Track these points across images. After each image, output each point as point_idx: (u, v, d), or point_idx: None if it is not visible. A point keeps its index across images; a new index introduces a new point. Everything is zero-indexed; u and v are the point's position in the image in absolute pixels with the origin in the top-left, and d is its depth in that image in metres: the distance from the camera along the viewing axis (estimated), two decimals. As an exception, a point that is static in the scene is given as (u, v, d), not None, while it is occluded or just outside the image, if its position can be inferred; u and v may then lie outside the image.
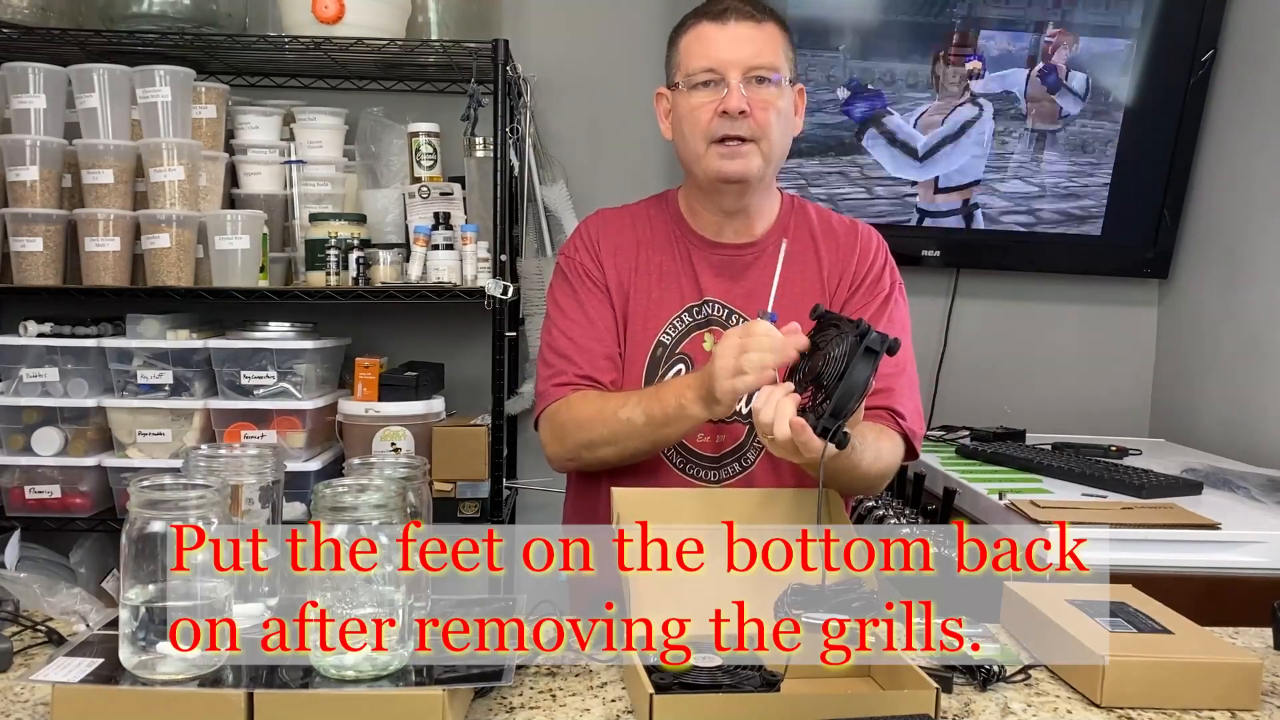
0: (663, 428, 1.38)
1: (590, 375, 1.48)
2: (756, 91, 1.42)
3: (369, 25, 2.21)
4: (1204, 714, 1.10)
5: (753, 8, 1.44)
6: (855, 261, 1.54)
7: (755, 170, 1.46)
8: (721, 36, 1.42)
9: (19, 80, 2.10)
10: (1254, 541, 1.70)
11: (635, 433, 1.39)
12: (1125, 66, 2.54)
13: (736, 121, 1.42)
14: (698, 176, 1.50)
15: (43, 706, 1.04)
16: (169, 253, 2.13)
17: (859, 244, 1.56)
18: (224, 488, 1.05)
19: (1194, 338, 2.60)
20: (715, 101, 1.42)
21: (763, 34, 1.43)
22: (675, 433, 1.40)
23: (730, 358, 1.23)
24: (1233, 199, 2.48)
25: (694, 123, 1.44)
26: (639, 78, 2.54)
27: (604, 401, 1.45)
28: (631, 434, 1.40)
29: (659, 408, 1.36)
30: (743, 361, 1.22)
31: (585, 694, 1.11)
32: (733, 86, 1.41)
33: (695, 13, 1.47)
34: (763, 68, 1.42)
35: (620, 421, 1.40)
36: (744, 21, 1.42)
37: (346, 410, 2.22)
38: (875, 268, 1.55)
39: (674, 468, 1.50)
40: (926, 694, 1.02)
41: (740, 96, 1.41)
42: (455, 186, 2.29)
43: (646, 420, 1.38)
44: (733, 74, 1.41)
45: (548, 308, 1.59)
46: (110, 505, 2.23)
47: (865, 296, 1.53)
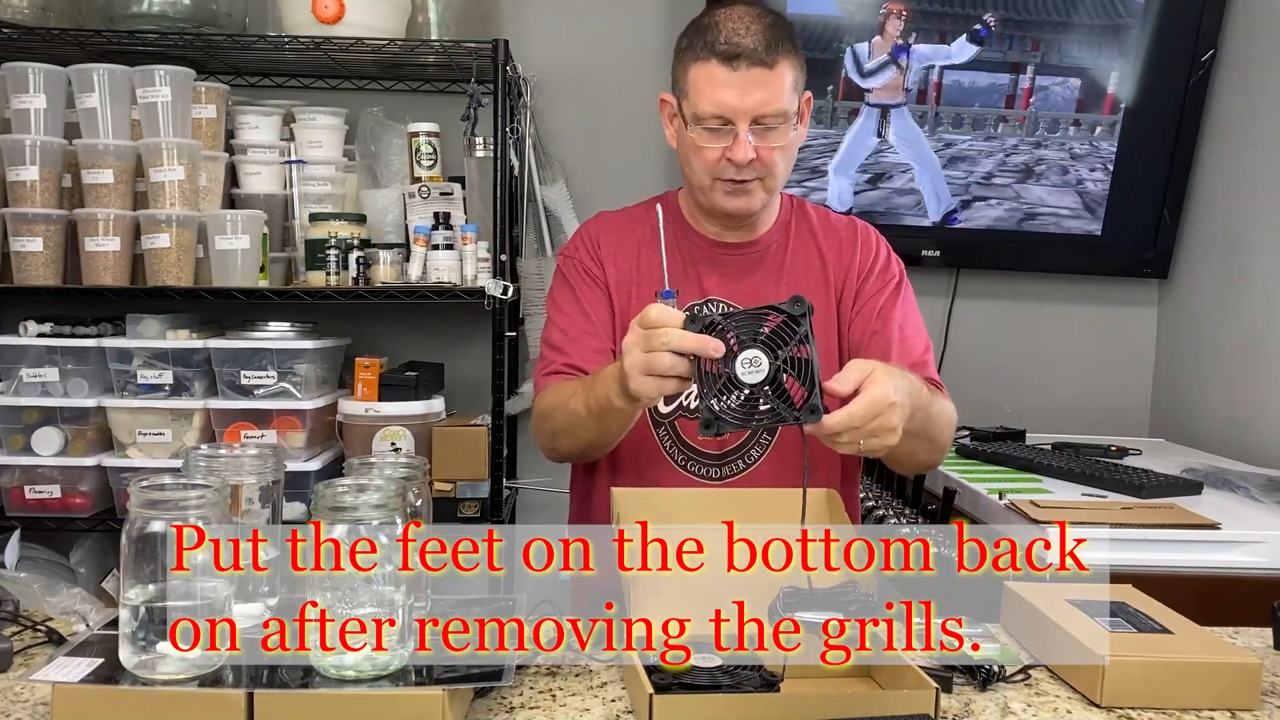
0: (603, 419, 1.34)
1: (577, 365, 1.48)
2: (764, 138, 1.40)
3: (369, 25, 2.21)
4: (1204, 714, 1.10)
5: (765, 50, 1.38)
6: (859, 255, 1.56)
7: (758, 206, 1.48)
8: (732, 82, 1.38)
9: (19, 80, 2.10)
10: (1254, 541, 1.70)
11: (581, 423, 1.37)
12: (1125, 67, 2.54)
13: (743, 168, 1.42)
14: (701, 204, 1.51)
15: (43, 706, 1.04)
16: (169, 253, 2.13)
17: (859, 238, 1.57)
18: (224, 488, 1.05)
19: (1194, 338, 2.60)
20: (723, 146, 1.41)
21: (774, 78, 1.39)
22: (616, 425, 1.36)
23: (637, 352, 1.16)
24: (1233, 199, 2.48)
25: (701, 160, 1.44)
26: (639, 78, 2.55)
27: (561, 388, 1.43)
28: (579, 424, 1.38)
29: (594, 399, 1.33)
30: (650, 360, 1.14)
31: (585, 694, 1.11)
32: (740, 138, 1.39)
33: (708, 42, 1.40)
34: (771, 116, 1.39)
35: (569, 412, 1.39)
36: (755, 68, 1.37)
37: (346, 410, 2.22)
38: (880, 258, 1.56)
39: (676, 465, 1.51)
40: (926, 694, 1.02)
41: (748, 147, 1.39)
42: (455, 186, 2.29)
43: (587, 412, 1.35)
44: (741, 123, 1.39)
45: (546, 308, 1.60)
46: (110, 505, 2.23)
47: (876, 284, 1.54)
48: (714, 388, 1.10)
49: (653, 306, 1.16)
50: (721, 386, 1.10)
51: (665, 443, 1.51)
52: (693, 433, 1.50)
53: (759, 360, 1.09)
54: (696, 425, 1.49)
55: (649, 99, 1.57)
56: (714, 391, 1.10)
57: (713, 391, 1.10)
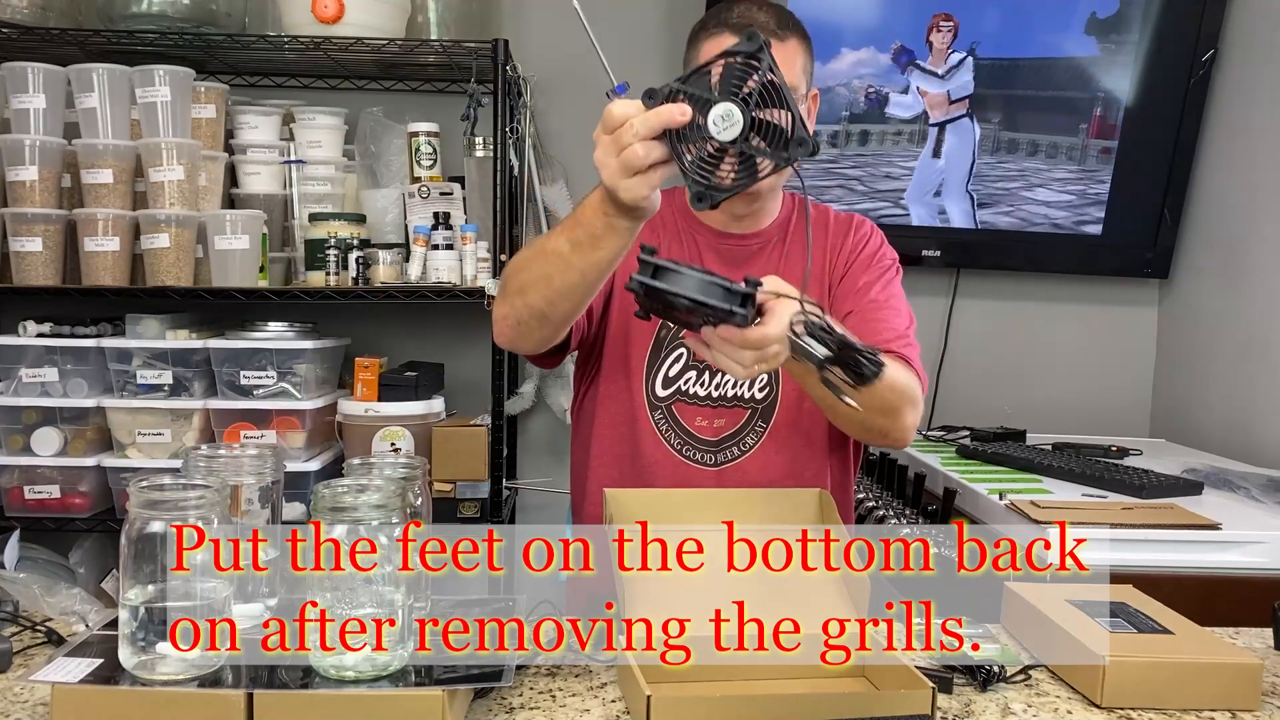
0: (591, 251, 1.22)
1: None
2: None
3: (369, 25, 2.21)
4: (1204, 714, 1.10)
5: (777, 24, 1.41)
6: (849, 241, 1.56)
7: (764, 187, 1.47)
8: None
9: (19, 80, 2.10)
10: (1254, 541, 1.70)
11: (564, 263, 1.25)
12: (1125, 67, 2.54)
13: None
14: None
15: (42, 707, 1.04)
16: (168, 253, 2.13)
17: (853, 231, 1.58)
18: (224, 488, 1.05)
19: (1194, 338, 2.60)
20: None
21: (785, 51, 1.40)
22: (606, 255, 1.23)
23: (610, 159, 1.08)
24: (1233, 199, 2.48)
25: None
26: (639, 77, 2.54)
27: (532, 241, 1.36)
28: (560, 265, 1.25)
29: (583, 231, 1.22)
30: (625, 159, 1.06)
31: (585, 694, 1.11)
32: None
33: (720, 19, 1.44)
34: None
35: (548, 253, 1.27)
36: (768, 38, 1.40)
37: (346, 410, 2.22)
38: (870, 246, 1.56)
39: (672, 449, 1.51)
40: (922, 693, 1.02)
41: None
42: (455, 186, 2.29)
43: (572, 248, 1.23)
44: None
45: None
46: (110, 505, 2.23)
47: (863, 266, 1.54)
48: (696, 158, 1.03)
49: (612, 105, 1.08)
50: (704, 156, 1.03)
51: (661, 426, 1.51)
52: (689, 418, 1.50)
53: (730, 113, 1.01)
54: (692, 411, 1.50)
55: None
56: (696, 162, 1.03)
57: (695, 162, 1.03)
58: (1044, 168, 2.59)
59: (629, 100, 1.08)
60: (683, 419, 1.51)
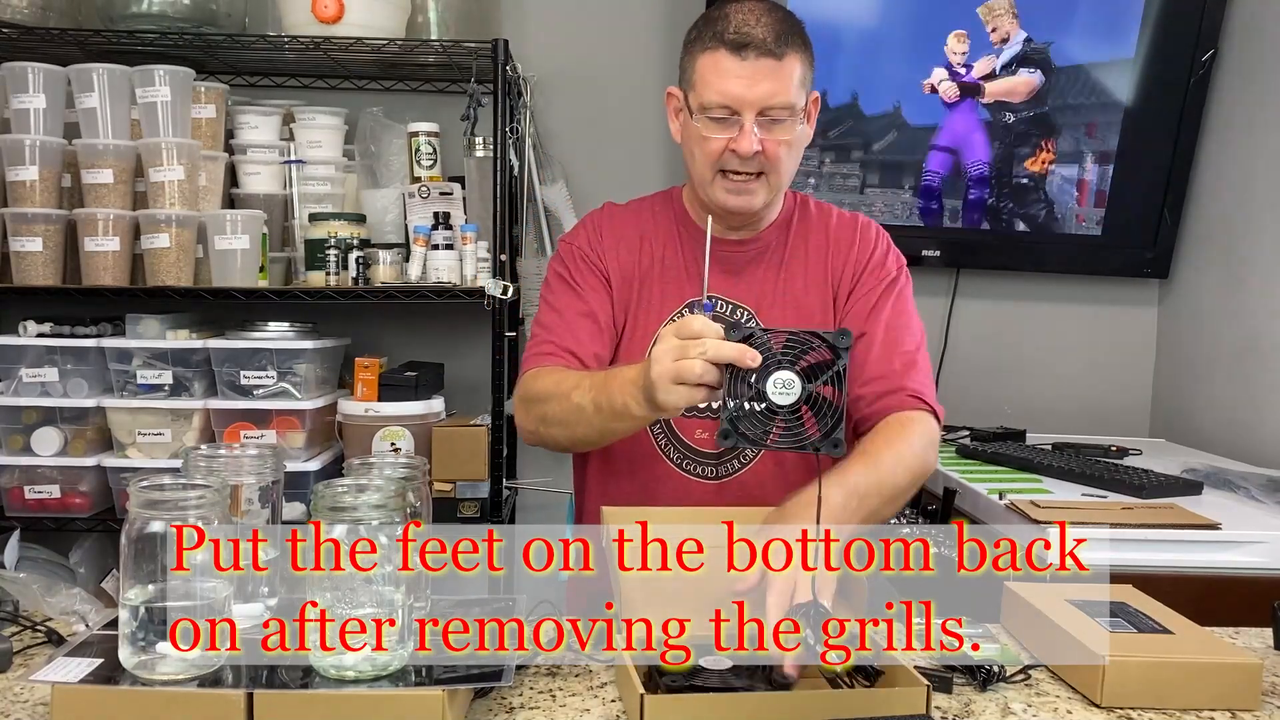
0: (611, 421, 1.31)
1: (569, 348, 1.46)
2: (770, 131, 1.39)
3: (369, 25, 2.21)
4: (1204, 714, 1.10)
5: (774, 41, 1.37)
6: (856, 252, 1.54)
7: (759, 204, 1.46)
8: (740, 72, 1.36)
9: (19, 80, 2.10)
10: (1254, 541, 1.70)
11: (584, 420, 1.34)
12: (1125, 66, 2.53)
13: (747, 160, 1.40)
14: (702, 199, 1.50)
15: (42, 707, 1.04)
16: (168, 253, 2.13)
17: (859, 236, 1.55)
18: (224, 488, 1.05)
19: (1194, 338, 2.60)
20: (728, 137, 1.40)
21: (782, 70, 1.37)
22: (624, 429, 1.35)
23: (668, 361, 1.15)
24: (1233, 199, 2.48)
25: (704, 151, 1.42)
26: (639, 77, 2.55)
27: (563, 378, 1.40)
28: (580, 420, 1.34)
29: (606, 400, 1.30)
30: (681, 368, 1.13)
31: (585, 694, 1.11)
32: (746, 129, 1.37)
33: (717, 32, 1.39)
34: (777, 108, 1.38)
35: (571, 405, 1.34)
36: (764, 58, 1.36)
37: (346, 410, 2.22)
38: (877, 254, 1.54)
39: (673, 464, 1.50)
40: (918, 691, 1.01)
41: (753, 139, 1.38)
42: (455, 186, 2.29)
43: (595, 410, 1.32)
44: (747, 113, 1.37)
45: (541, 292, 1.59)
46: (110, 505, 2.23)
47: (871, 280, 1.52)
48: (740, 400, 1.10)
49: (695, 318, 1.14)
50: (748, 400, 1.10)
51: (660, 440, 1.51)
52: (689, 431, 1.49)
53: (792, 383, 1.09)
54: (692, 423, 1.49)
55: (649, 98, 1.57)
56: (739, 404, 1.10)
57: (739, 404, 1.10)
58: (1044, 167, 2.59)
59: (711, 323, 1.14)
60: (682, 432, 1.50)
